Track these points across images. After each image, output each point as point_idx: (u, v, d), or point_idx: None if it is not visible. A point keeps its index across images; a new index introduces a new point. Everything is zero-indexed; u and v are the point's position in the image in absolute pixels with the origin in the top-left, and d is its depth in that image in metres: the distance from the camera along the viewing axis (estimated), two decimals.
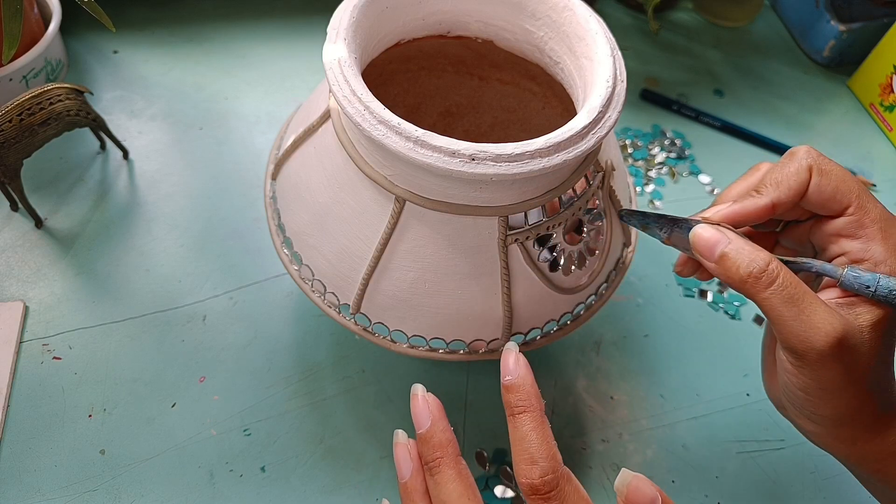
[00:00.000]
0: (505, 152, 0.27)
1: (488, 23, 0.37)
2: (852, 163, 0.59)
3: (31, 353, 0.41)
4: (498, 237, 0.31)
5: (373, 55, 0.35)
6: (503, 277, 0.32)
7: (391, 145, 0.27)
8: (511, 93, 0.43)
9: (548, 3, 0.34)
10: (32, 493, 0.36)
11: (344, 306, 0.35)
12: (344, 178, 0.32)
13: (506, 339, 0.34)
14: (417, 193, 0.30)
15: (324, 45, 0.30)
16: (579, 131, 0.28)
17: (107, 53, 0.58)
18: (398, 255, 0.32)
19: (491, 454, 0.40)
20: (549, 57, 0.36)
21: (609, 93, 0.29)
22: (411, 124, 0.27)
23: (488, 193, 0.29)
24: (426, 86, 0.44)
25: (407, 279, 0.32)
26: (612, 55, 0.31)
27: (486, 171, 0.27)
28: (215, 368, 0.42)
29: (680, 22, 0.70)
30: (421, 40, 0.38)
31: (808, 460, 0.42)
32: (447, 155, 0.27)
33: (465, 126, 0.47)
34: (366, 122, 0.28)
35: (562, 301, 0.35)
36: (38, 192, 0.48)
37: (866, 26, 0.63)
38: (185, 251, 0.47)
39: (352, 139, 0.31)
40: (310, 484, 0.38)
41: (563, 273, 0.34)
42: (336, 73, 0.29)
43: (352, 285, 0.33)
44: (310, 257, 0.35)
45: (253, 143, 0.53)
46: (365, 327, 0.35)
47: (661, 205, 0.54)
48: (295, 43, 0.61)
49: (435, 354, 0.35)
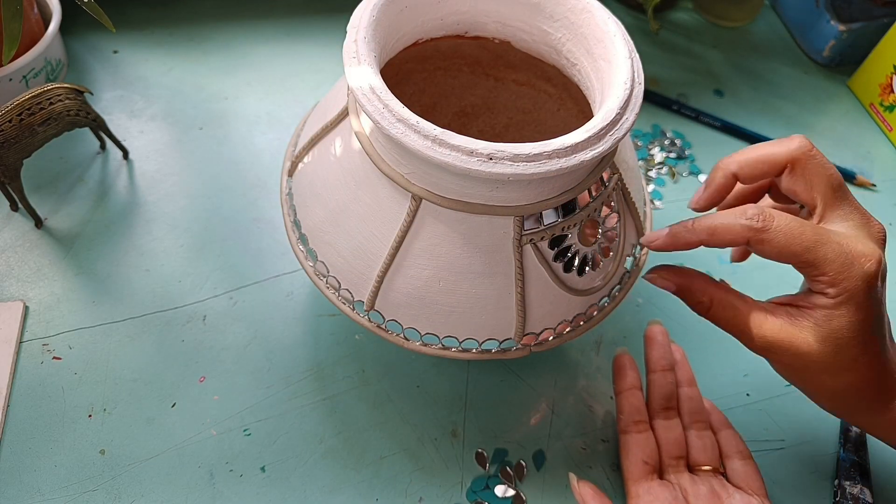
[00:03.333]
0: (523, 152, 0.27)
1: (506, 24, 0.37)
2: (852, 163, 0.59)
3: (31, 352, 0.41)
4: (513, 237, 0.31)
5: (391, 54, 0.35)
6: (517, 277, 0.32)
7: (409, 143, 0.27)
8: (526, 94, 0.43)
9: (566, 4, 0.34)
10: (32, 493, 0.36)
11: (358, 303, 0.35)
12: (361, 176, 0.32)
13: (518, 339, 0.34)
14: (434, 192, 0.30)
15: (344, 42, 0.30)
16: (597, 133, 0.28)
17: (107, 53, 0.58)
18: (413, 253, 0.32)
19: (491, 454, 0.40)
20: (566, 58, 0.36)
21: (627, 95, 0.29)
22: (430, 123, 0.27)
23: (504, 193, 0.29)
24: (442, 85, 0.44)
25: (422, 277, 0.32)
26: (630, 57, 0.31)
27: (504, 171, 0.27)
28: (215, 368, 0.42)
29: (680, 22, 0.70)
30: (438, 40, 0.38)
31: (808, 460, 0.42)
32: (465, 154, 0.27)
33: (479, 126, 0.47)
34: (385, 119, 0.28)
35: (575, 302, 0.35)
36: (38, 192, 0.48)
37: (866, 26, 0.63)
38: (185, 251, 0.47)
39: (369, 137, 0.31)
40: (310, 484, 0.38)
41: (576, 274, 0.34)
42: (355, 69, 0.29)
43: (366, 282, 0.34)
44: (325, 254, 0.35)
45: (253, 143, 0.53)
46: (379, 324, 0.35)
47: (660, 204, 0.54)
48: (295, 43, 0.61)
49: (447, 353, 0.35)
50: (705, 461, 0.38)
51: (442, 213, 0.30)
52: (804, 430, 0.43)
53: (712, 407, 0.41)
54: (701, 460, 0.38)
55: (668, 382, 0.40)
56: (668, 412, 0.39)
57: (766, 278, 0.50)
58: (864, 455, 0.41)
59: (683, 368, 0.42)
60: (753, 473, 0.37)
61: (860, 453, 0.41)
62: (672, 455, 0.38)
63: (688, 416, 0.40)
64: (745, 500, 0.36)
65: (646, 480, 0.37)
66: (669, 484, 0.37)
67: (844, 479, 0.40)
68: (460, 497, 0.39)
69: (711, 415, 0.41)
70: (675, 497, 0.36)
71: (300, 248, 0.36)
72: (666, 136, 0.59)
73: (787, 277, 0.50)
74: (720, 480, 0.37)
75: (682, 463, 0.38)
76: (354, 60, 0.29)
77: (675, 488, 0.36)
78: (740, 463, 0.38)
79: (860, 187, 0.57)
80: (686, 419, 0.40)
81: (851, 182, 0.57)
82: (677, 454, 0.38)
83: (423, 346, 0.35)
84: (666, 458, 0.38)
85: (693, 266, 0.35)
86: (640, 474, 0.37)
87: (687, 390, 0.41)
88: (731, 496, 0.36)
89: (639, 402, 0.40)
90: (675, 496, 0.36)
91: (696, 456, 0.38)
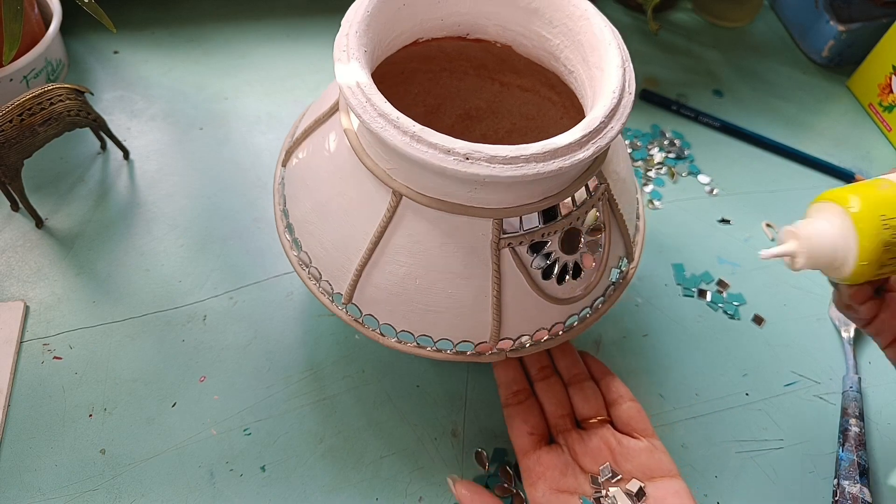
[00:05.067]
0: (500, 154, 0.27)
1: (506, 27, 0.37)
2: (851, 163, 0.59)
3: (32, 352, 0.41)
4: (491, 239, 0.31)
5: (389, 51, 0.35)
6: (494, 281, 0.32)
7: (388, 138, 0.27)
8: (531, 100, 0.43)
9: (564, 11, 0.34)
10: (33, 493, 0.36)
11: (337, 295, 0.35)
12: (347, 170, 0.32)
13: (494, 343, 0.34)
14: (414, 189, 0.30)
15: (336, 35, 0.30)
16: (578, 140, 0.28)
17: (107, 54, 0.58)
18: (391, 249, 0.32)
19: (491, 454, 0.40)
20: (563, 65, 0.35)
21: (614, 104, 0.29)
22: (410, 119, 0.28)
23: (483, 194, 0.29)
24: (447, 87, 0.44)
25: (398, 273, 0.32)
26: (622, 66, 0.30)
27: (479, 172, 0.27)
28: (215, 368, 0.42)
29: (679, 22, 0.70)
30: (441, 40, 0.38)
31: (807, 460, 0.42)
32: (442, 152, 0.27)
33: (482, 130, 0.47)
34: (367, 113, 0.28)
35: (554, 310, 0.34)
36: (39, 192, 0.48)
37: (865, 27, 0.63)
38: (186, 251, 0.47)
39: (356, 132, 0.31)
40: (310, 483, 0.38)
41: (556, 282, 0.33)
42: (343, 63, 0.29)
43: (346, 275, 0.34)
44: (308, 244, 0.35)
45: (253, 143, 0.53)
46: (356, 318, 0.35)
47: (660, 204, 0.54)
48: (295, 43, 0.61)
49: (422, 351, 0.35)
50: (590, 413, 0.38)
51: (422, 211, 0.30)
52: (803, 430, 0.43)
53: (593, 360, 0.41)
54: (585, 413, 0.38)
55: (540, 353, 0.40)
56: (545, 371, 0.39)
57: (766, 278, 0.50)
58: (864, 454, 0.41)
59: None
60: (637, 415, 0.37)
61: (859, 452, 0.41)
62: (557, 415, 0.38)
63: (565, 371, 0.40)
64: (632, 444, 0.36)
65: (534, 451, 0.36)
66: (558, 447, 0.37)
67: (843, 478, 0.40)
68: None
69: (591, 366, 0.41)
70: (564, 462, 0.36)
71: (287, 237, 0.37)
72: (665, 137, 0.59)
73: (786, 277, 0.50)
74: (609, 430, 0.37)
75: (568, 420, 0.38)
76: (344, 55, 0.30)
77: (563, 450, 0.36)
78: (624, 408, 0.38)
79: None
80: (565, 375, 0.40)
81: (851, 182, 0.57)
82: (561, 413, 0.38)
83: (399, 342, 0.35)
84: (552, 419, 0.38)
85: (691, 265, 0.35)
86: (528, 446, 0.37)
87: (560, 349, 0.41)
88: (619, 443, 0.36)
89: (515, 371, 0.39)
90: (564, 461, 0.36)
91: (581, 409, 0.38)
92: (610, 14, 0.69)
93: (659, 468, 0.35)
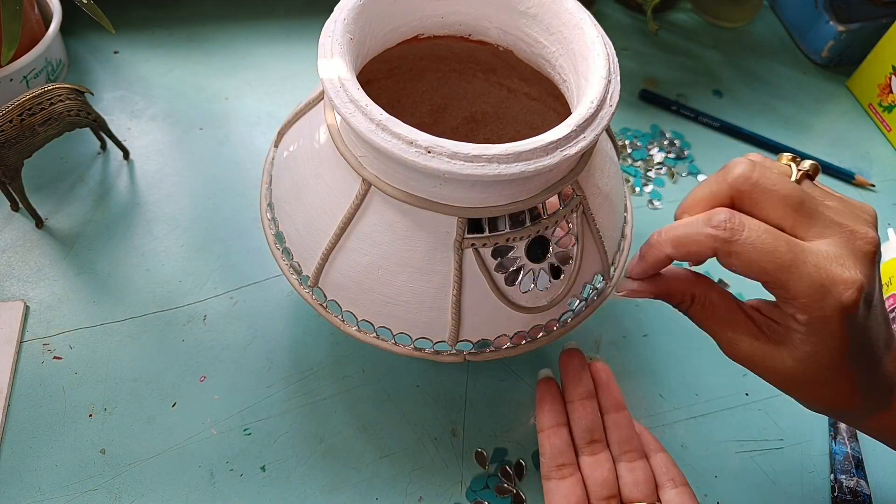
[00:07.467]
0: (461, 151, 0.27)
1: (506, 31, 0.37)
2: (851, 163, 0.59)
3: (32, 352, 0.41)
4: (455, 238, 0.31)
5: (388, 44, 0.35)
6: (455, 280, 0.32)
7: (355, 124, 0.27)
8: (537, 109, 0.43)
9: (561, 18, 0.33)
10: (33, 493, 0.36)
11: (304, 277, 0.35)
12: (324, 154, 0.33)
13: (452, 343, 0.34)
14: (382, 179, 0.30)
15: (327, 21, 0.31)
16: (544, 146, 0.27)
17: (107, 54, 0.58)
18: (356, 237, 0.32)
19: (491, 453, 0.40)
20: (558, 73, 0.35)
21: (590, 114, 0.29)
22: (378, 107, 0.28)
23: (448, 191, 0.29)
24: (455, 88, 0.44)
25: (362, 262, 0.32)
26: (607, 78, 0.30)
27: (439, 167, 0.27)
28: (215, 368, 0.42)
29: (679, 22, 0.70)
30: (448, 40, 0.38)
31: (807, 460, 0.42)
32: (405, 143, 0.27)
33: (486, 134, 0.47)
34: (338, 97, 0.28)
35: (517, 318, 0.34)
36: (39, 192, 0.48)
37: (865, 27, 0.63)
38: (186, 251, 0.47)
39: (336, 117, 0.32)
40: (310, 483, 0.38)
41: (519, 289, 0.33)
42: (326, 47, 0.30)
43: (313, 258, 0.34)
44: (284, 224, 0.36)
45: (253, 143, 0.53)
46: (320, 302, 0.35)
47: (660, 205, 0.54)
48: (295, 43, 0.61)
49: (381, 343, 0.35)
50: (639, 497, 0.34)
51: (388, 202, 0.31)
52: (803, 429, 0.43)
53: (643, 430, 0.38)
54: (634, 496, 0.35)
55: (589, 412, 0.36)
56: (594, 446, 0.36)
57: None
58: (856, 446, 0.41)
59: (609, 391, 0.37)
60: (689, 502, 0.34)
61: (852, 444, 0.41)
62: (601, 497, 0.34)
63: (617, 445, 0.36)
64: None
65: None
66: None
67: (840, 472, 0.40)
68: (460, 496, 0.39)
69: (643, 438, 0.37)
70: None
71: (267, 215, 0.37)
72: (665, 137, 0.59)
73: None
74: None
75: (613, 502, 0.35)
76: (328, 39, 0.30)
77: None
78: (674, 492, 0.34)
79: (859, 188, 0.57)
80: (615, 450, 0.36)
81: (850, 182, 0.57)
82: (607, 494, 0.34)
83: (359, 332, 0.35)
84: (595, 501, 0.34)
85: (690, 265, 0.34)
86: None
87: (614, 417, 0.37)
88: None
89: (561, 440, 0.36)
90: None
91: (629, 493, 0.35)
92: (610, 14, 0.69)
93: None
